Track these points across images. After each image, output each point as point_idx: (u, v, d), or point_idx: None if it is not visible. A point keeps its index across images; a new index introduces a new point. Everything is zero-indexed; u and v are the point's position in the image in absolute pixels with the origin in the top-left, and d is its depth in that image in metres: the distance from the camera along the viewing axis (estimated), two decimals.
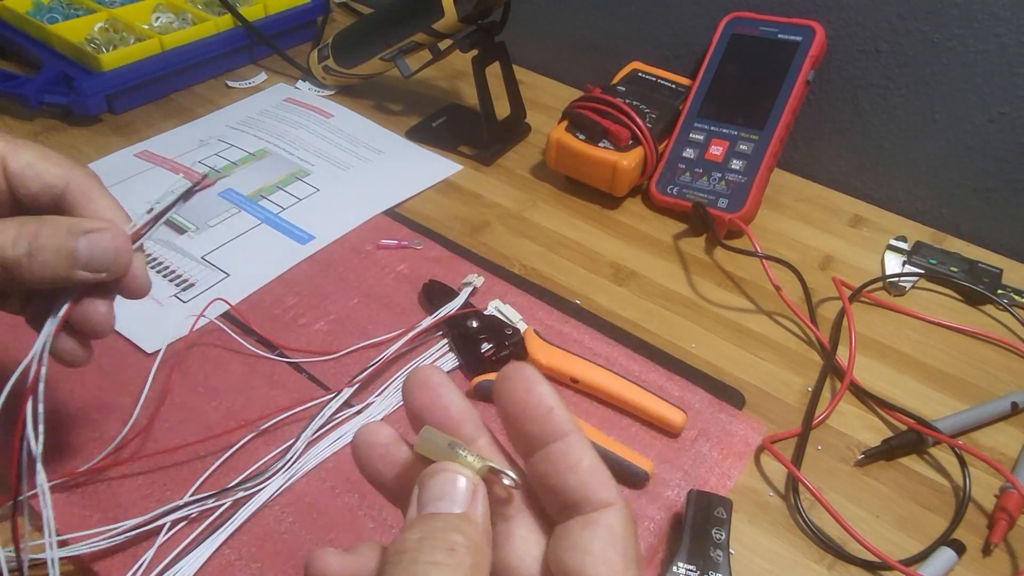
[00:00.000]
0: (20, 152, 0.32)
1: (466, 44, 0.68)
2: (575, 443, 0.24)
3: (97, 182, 0.34)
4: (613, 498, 0.24)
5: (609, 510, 0.24)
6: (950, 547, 0.42)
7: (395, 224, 0.62)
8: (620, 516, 0.24)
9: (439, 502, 0.23)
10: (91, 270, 0.31)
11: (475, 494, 0.24)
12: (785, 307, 0.57)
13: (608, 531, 0.23)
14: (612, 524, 0.23)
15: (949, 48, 0.63)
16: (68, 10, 0.79)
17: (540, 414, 0.25)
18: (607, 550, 0.23)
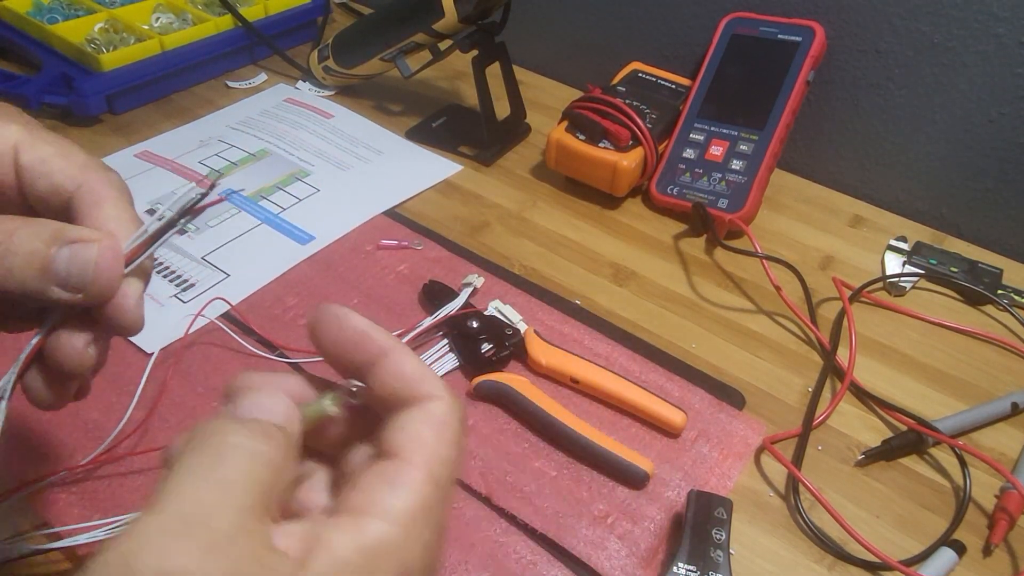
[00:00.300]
0: (37, 145, 0.28)
1: (466, 44, 0.68)
2: (397, 355, 0.25)
3: (113, 188, 0.28)
4: (438, 392, 0.25)
5: (433, 400, 0.25)
6: (950, 547, 0.42)
7: (395, 224, 0.62)
8: (443, 405, 0.25)
9: (251, 412, 0.24)
10: (68, 288, 0.26)
11: (291, 414, 0.24)
12: (785, 307, 0.57)
13: (426, 414, 0.24)
14: (432, 409, 0.24)
15: (949, 49, 0.63)
16: (68, 10, 0.79)
17: (357, 339, 0.26)
18: (421, 429, 0.24)
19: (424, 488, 0.23)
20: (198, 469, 0.20)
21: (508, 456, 0.46)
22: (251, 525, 0.20)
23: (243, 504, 0.20)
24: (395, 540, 0.22)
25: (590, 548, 0.41)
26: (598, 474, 0.45)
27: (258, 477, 0.21)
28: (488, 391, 0.48)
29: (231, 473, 0.20)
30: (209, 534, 0.19)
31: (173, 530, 0.19)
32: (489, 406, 0.49)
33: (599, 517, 0.43)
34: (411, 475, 0.23)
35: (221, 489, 0.20)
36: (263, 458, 0.21)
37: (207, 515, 0.19)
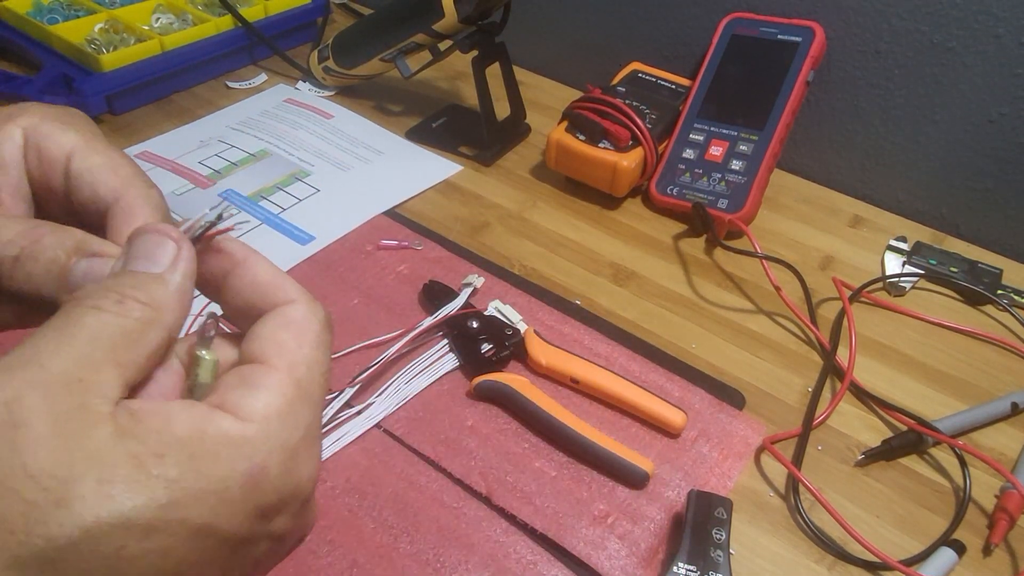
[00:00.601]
0: (89, 154, 0.28)
1: (466, 45, 0.68)
2: (250, 263, 0.25)
3: (150, 205, 0.28)
4: (294, 296, 0.24)
5: (290, 304, 0.24)
6: (950, 547, 0.42)
7: (395, 224, 0.62)
8: (300, 308, 0.24)
9: (139, 261, 0.23)
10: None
11: (178, 258, 0.24)
12: (785, 307, 0.57)
13: (283, 318, 0.24)
14: (288, 313, 0.24)
15: (949, 49, 0.63)
16: (68, 11, 0.79)
17: (210, 251, 0.25)
18: (279, 333, 0.24)
19: (286, 389, 0.22)
20: (51, 324, 0.21)
21: (508, 456, 0.46)
22: (85, 375, 0.20)
23: (80, 354, 0.20)
24: (246, 438, 0.21)
25: (590, 548, 0.41)
26: (598, 474, 0.45)
27: (102, 332, 0.21)
28: (488, 391, 0.48)
29: (78, 329, 0.21)
30: (40, 372, 0.19)
31: (8, 366, 0.20)
32: (489, 406, 0.49)
33: (599, 517, 0.43)
34: (272, 377, 0.23)
35: (65, 340, 0.20)
36: (115, 322, 0.21)
37: (44, 359, 0.20)
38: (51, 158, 0.28)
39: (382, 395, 0.48)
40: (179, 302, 0.23)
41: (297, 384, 0.23)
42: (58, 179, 0.28)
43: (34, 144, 0.28)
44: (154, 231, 0.24)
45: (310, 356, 0.24)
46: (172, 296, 0.23)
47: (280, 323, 0.24)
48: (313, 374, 0.24)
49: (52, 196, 0.28)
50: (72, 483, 0.18)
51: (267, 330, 0.24)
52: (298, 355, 0.23)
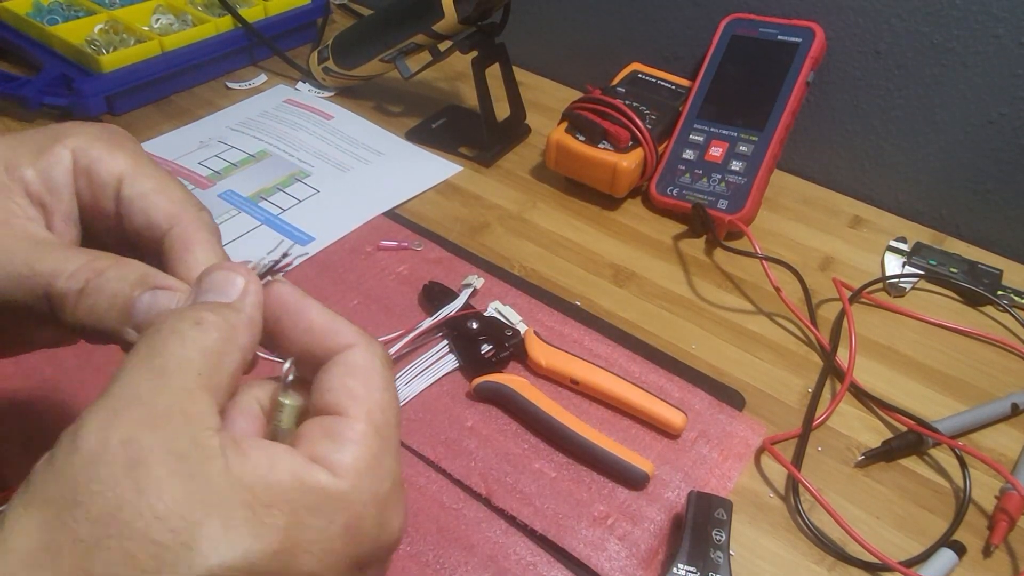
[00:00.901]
0: (140, 179, 0.28)
1: (466, 45, 0.68)
2: (303, 309, 0.25)
3: (205, 230, 0.28)
4: (351, 339, 0.25)
5: (348, 350, 0.24)
6: (950, 548, 0.42)
7: (395, 225, 0.62)
8: (361, 352, 0.24)
9: (209, 294, 0.24)
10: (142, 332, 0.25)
11: (246, 291, 0.24)
12: (785, 308, 0.57)
13: (346, 365, 0.24)
14: (350, 359, 0.24)
15: (949, 49, 0.63)
16: (68, 11, 0.79)
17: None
18: (349, 383, 0.24)
19: (370, 441, 0.23)
20: (138, 357, 0.22)
21: (508, 457, 0.46)
22: (187, 406, 0.21)
23: (177, 386, 0.21)
24: (342, 492, 0.22)
25: (590, 549, 0.41)
26: (598, 475, 0.45)
27: (188, 356, 0.21)
28: (488, 392, 0.48)
29: (167, 359, 0.21)
30: (145, 410, 0.20)
31: (113, 408, 0.20)
32: (489, 407, 0.49)
33: (599, 518, 0.43)
34: (354, 430, 0.23)
35: (157, 373, 0.21)
36: (197, 343, 0.22)
37: (145, 396, 0.20)
38: (102, 182, 0.28)
39: None
40: (250, 328, 0.24)
41: (377, 433, 0.23)
42: (109, 204, 0.28)
43: (84, 167, 0.28)
44: (223, 269, 0.25)
45: (382, 400, 0.24)
46: (244, 321, 0.24)
47: (345, 371, 0.24)
48: (388, 417, 0.24)
49: (102, 220, 0.28)
50: (198, 525, 0.19)
51: (335, 380, 0.24)
52: (371, 402, 0.24)
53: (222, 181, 0.65)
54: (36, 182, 0.27)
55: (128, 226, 0.28)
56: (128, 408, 0.20)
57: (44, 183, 0.27)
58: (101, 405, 0.20)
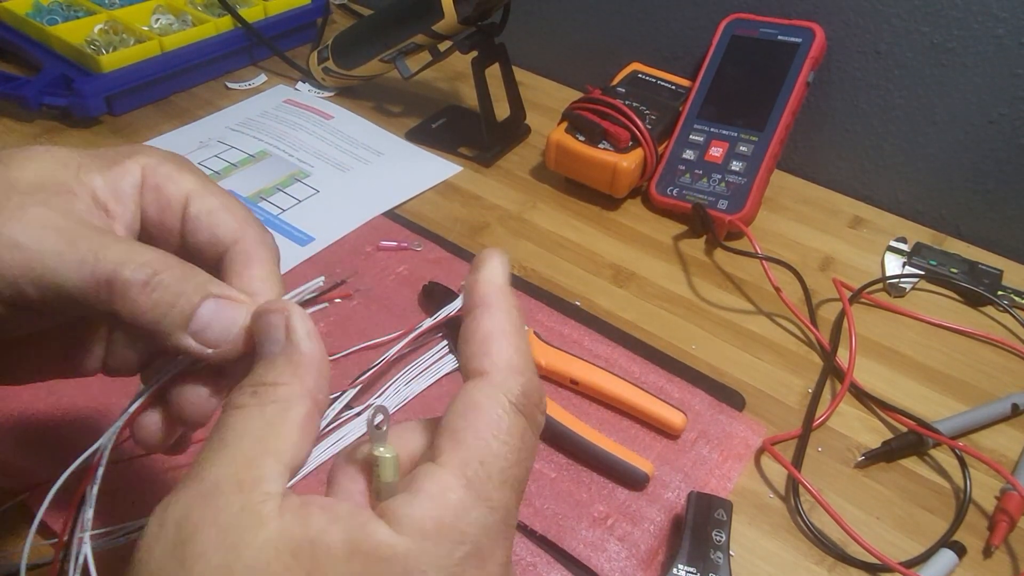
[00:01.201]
0: (207, 197, 0.28)
1: (466, 46, 0.68)
2: (478, 314, 0.25)
3: (266, 249, 0.28)
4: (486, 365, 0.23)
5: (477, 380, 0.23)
6: (951, 549, 0.42)
7: (395, 226, 0.62)
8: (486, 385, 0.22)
9: (263, 347, 0.24)
10: (200, 340, 0.25)
11: (289, 327, 0.23)
12: (785, 308, 0.57)
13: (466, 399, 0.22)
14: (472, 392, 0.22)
15: (949, 50, 0.63)
16: (68, 12, 0.79)
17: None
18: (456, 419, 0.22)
19: (449, 494, 0.20)
20: (206, 441, 0.22)
21: None
22: (242, 475, 0.20)
23: (233, 456, 0.21)
24: (398, 554, 0.19)
25: (590, 550, 0.41)
26: (598, 475, 0.45)
27: (248, 427, 0.21)
28: None
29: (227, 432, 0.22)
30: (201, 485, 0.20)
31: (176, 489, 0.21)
32: None
33: (599, 519, 0.43)
34: (435, 479, 0.20)
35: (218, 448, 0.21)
36: (257, 410, 0.22)
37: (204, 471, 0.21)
38: (169, 198, 0.28)
39: (382, 396, 0.48)
40: (310, 365, 0.23)
41: (468, 485, 0.20)
42: (174, 220, 0.28)
43: (153, 184, 0.28)
44: (261, 313, 0.24)
45: (487, 449, 0.21)
46: (299, 364, 0.23)
47: (462, 406, 0.22)
48: (490, 471, 0.21)
49: (167, 236, 0.29)
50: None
51: (449, 416, 0.22)
52: (474, 450, 0.21)
53: (222, 181, 0.65)
54: (104, 189, 0.27)
55: (191, 241, 0.28)
56: (186, 486, 0.20)
57: (112, 191, 0.27)
58: (173, 490, 0.21)
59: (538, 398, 0.23)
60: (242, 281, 0.27)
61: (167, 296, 0.24)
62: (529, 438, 0.22)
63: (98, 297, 0.24)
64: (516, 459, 0.21)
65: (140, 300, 0.24)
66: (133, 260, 0.24)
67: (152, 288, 0.24)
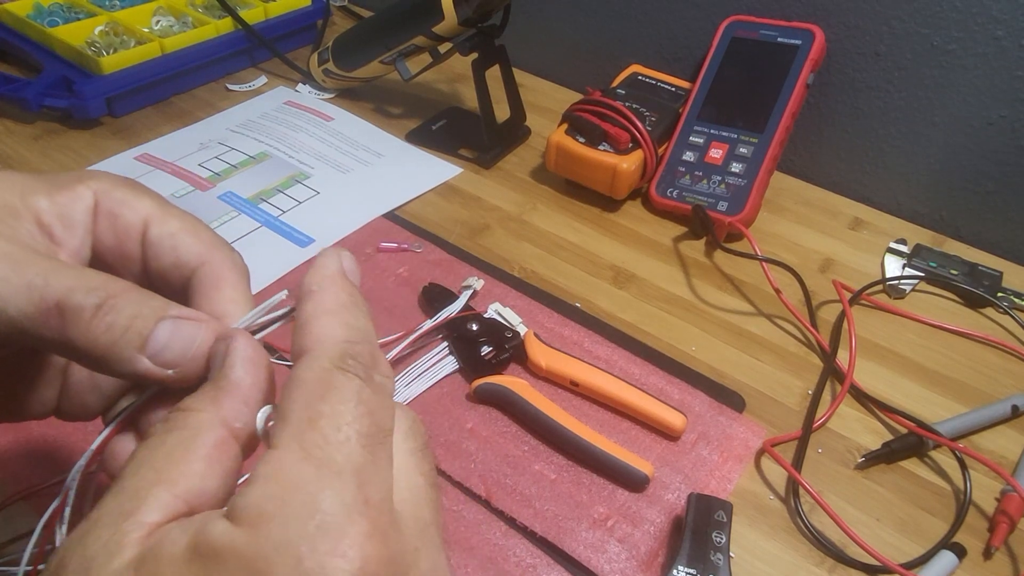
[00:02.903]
0: (167, 220, 0.27)
1: (466, 47, 0.68)
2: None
3: (235, 270, 0.27)
4: (308, 343, 0.22)
5: (303, 359, 0.22)
6: (951, 550, 0.42)
7: (395, 227, 0.62)
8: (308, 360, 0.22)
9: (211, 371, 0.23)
10: (159, 362, 0.24)
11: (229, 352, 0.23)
12: (785, 310, 0.57)
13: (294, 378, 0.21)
14: (297, 371, 0.22)
15: (948, 51, 0.63)
16: (68, 13, 0.79)
17: None
18: (283, 403, 0.21)
19: (289, 469, 0.18)
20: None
21: (508, 459, 0.46)
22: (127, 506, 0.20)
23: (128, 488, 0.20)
24: (243, 545, 0.18)
25: (590, 551, 0.41)
26: (598, 477, 0.45)
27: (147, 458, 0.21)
28: (488, 394, 0.48)
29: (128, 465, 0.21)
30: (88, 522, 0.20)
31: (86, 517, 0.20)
32: (489, 409, 0.49)
33: (599, 520, 0.43)
34: (270, 459, 0.19)
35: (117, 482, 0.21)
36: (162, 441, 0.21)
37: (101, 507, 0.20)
38: (127, 224, 0.27)
39: None
40: (235, 391, 0.22)
41: (306, 457, 0.19)
42: (134, 246, 0.27)
43: (107, 210, 0.27)
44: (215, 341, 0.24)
45: (318, 415, 0.20)
46: (221, 389, 0.22)
47: (287, 388, 0.21)
48: (326, 434, 0.19)
49: (127, 264, 0.27)
50: None
51: (279, 402, 0.21)
52: (302, 421, 0.19)
53: (222, 183, 0.65)
54: (49, 213, 0.26)
55: (154, 266, 0.27)
56: (82, 523, 0.20)
57: (59, 216, 0.26)
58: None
59: (369, 359, 0.22)
60: (211, 304, 0.26)
61: (121, 319, 0.23)
62: (368, 395, 0.21)
63: (48, 324, 0.23)
64: (354, 416, 0.20)
65: (93, 324, 0.23)
66: (84, 285, 0.23)
67: (105, 312, 0.23)
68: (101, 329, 0.23)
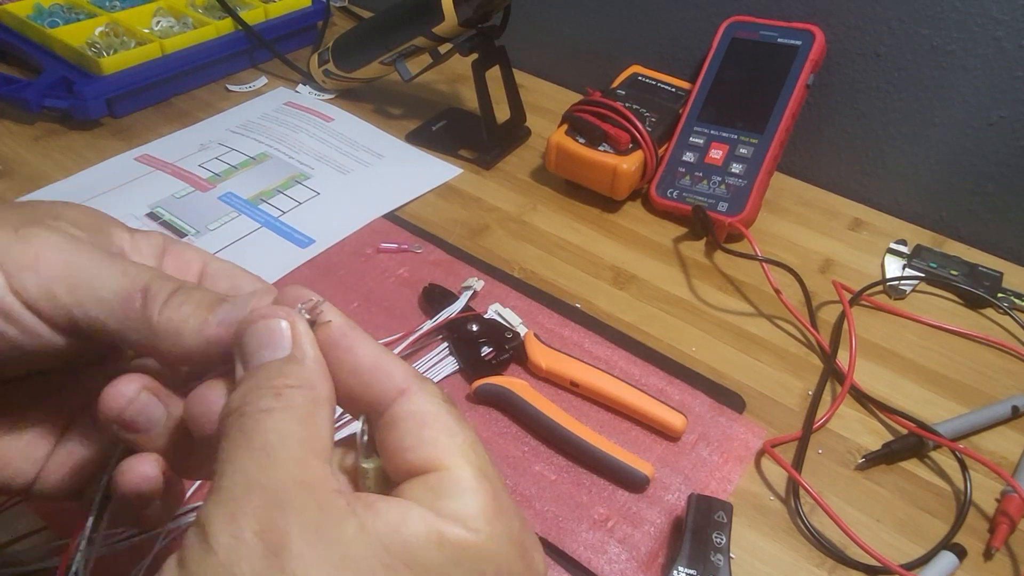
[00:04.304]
0: (223, 262, 0.30)
1: (466, 48, 0.68)
2: (347, 346, 0.24)
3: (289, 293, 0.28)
4: (403, 383, 0.23)
5: (404, 399, 0.23)
6: (951, 551, 0.42)
7: (395, 228, 0.62)
8: (420, 398, 0.23)
9: (263, 351, 0.23)
10: (225, 325, 0.25)
11: (296, 333, 0.23)
12: (785, 311, 0.57)
13: (415, 418, 0.23)
14: (414, 410, 0.23)
15: (948, 52, 0.63)
16: (68, 14, 0.79)
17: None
18: (424, 432, 0.23)
19: (482, 485, 0.22)
20: (235, 444, 0.21)
21: (508, 460, 0.46)
22: (303, 476, 0.20)
23: (287, 459, 0.21)
24: (482, 545, 0.21)
25: (590, 552, 0.41)
26: (598, 478, 0.45)
27: (286, 430, 0.21)
28: (488, 395, 0.48)
29: (267, 436, 0.21)
30: (267, 494, 0.20)
31: (233, 499, 0.20)
32: (489, 410, 0.49)
33: (599, 521, 0.43)
34: (463, 480, 0.22)
35: (263, 453, 0.21)
36: (288, 412, 0.21)
37: (260, 479, 0.20)
38: (189, 259, 0.30)
39: None
40: (322, 374, 0.23)
41: (484, 475, 0.22)
42: (192, 278, 0.29)
43: (173, 251, 0.30)
44: (261, 317, 0.24)
45: (468, 440, 0.23)
46: (314, 371, 0.23)
47: (417, 424, 0.23)
48: (481, 455, 0.23)
49: None
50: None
51: (410, 437, 0.23)
52: (460, 445, 0.23)
53: (222, 183, 0.65)
54: (129, 243, 0.29)
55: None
56: (248, 496, 0.20)
57: (133, 247, 0.29)
58: (219, 499, 0.20)
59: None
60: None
61: (192, 299, 0.25)
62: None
63: (131, 306, 0.25)
64: (479, 438, 0.24)
65: (170, 304, 0.25)
66: (162, 276, 0.26)
67: (179, 295, 0.25)
68: (175, 306, 0.25)
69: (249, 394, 0.22)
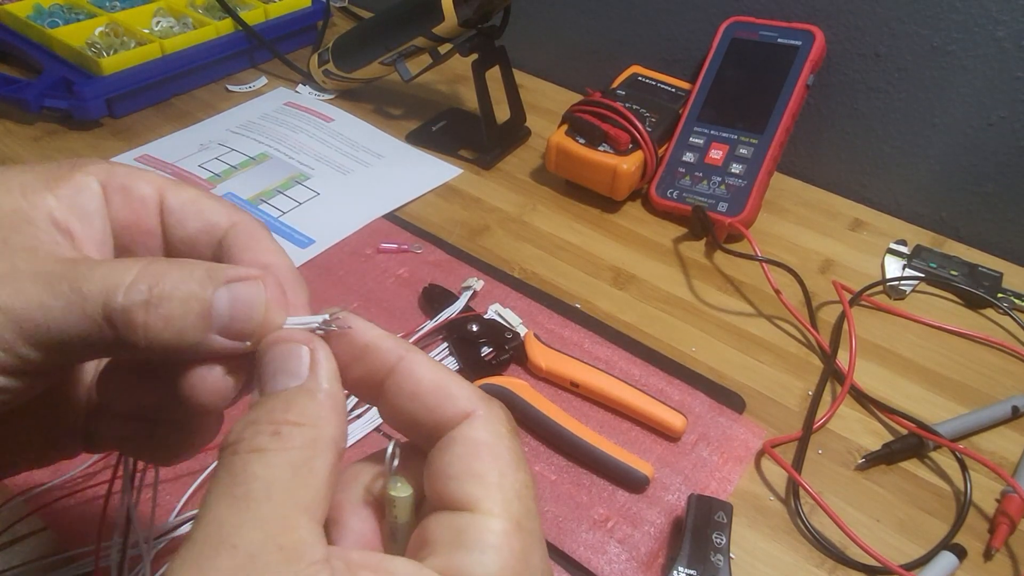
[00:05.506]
0: (181, 189, 0.25)
1: (466, 48, 0.68)
2: (406, 367, 0.22)
3: (265, 228, 0.25)
4: (467, 406, 0.22)
5: (467, 422, 0.21)
6: (951, 551, 0.42)
7: (395, 228, 0.62)
8: (483, 424, 0.21)
9: (277, 378, 0.21)
10: (232, 335, 0.22)
11: (315, 361, 0.21)
12: (785, 311, 0.57)
13: (470, 445, 0.21)
14: (471, 436, 0.21)
15: (948, 52, 0.63)
16: (68, 14, 0.79)
17: (359, 354, 0.23)
18: (474, 465, 0.21)
19: (512, 542, 0.20)
20: (220, 486, 0.19)
21: None
22: (282, 539, 0.18)
23: (267, 516, 0.18)
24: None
25: (590, 552, 0.41)
26: (598, 478, 0.45)
27: (275, 478, 0.19)
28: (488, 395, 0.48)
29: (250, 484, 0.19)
30: (236, 555, 0.18)
31: (202, 557, 0.18)
32: None
33: (599, 521, 0.43)
34: (492, 531, 0.20)
35: (242, 505, 0.18)
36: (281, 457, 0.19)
37: (232, 535, 0.18)
38: (142, 196, 0.25)
39: None
40: (333, 410, 0.21)
41: (520, 528, 0.20)
42: (152, 219, 0.25)
43: (117, 187, 0.25)
44: (279, 341, 0.21)
45: (517, 484, 0.21)
46: (324, 406, 0.21)
47: (468, 451, 0.21)
48: (528, 505, 0.21)
49: (146, 239, 0.25)
50: None
51: (457, 464, 0.21)
52: (507, 488, 0.20)
53: (222, 184, 0.65)
54: (61, 209, 0.23)
55: (179, 234, 0.25)
56: (217, 554, 0.17)
57: (71, 210, 0.23)
58: (188, 554, 0.18)
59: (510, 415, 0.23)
60: (254, 258, 0.24)
61: (175, 307, 0.21)
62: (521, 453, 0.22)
63: (103, 336, 0.21)
64: (533, 482, 0.21)
65: (151, 323, 0.21)
66: (120, 282, 0.21)
67: (155, 304, 0.21)
68: (160, 326, 0.21)
69: (247, 428, 0.20)
